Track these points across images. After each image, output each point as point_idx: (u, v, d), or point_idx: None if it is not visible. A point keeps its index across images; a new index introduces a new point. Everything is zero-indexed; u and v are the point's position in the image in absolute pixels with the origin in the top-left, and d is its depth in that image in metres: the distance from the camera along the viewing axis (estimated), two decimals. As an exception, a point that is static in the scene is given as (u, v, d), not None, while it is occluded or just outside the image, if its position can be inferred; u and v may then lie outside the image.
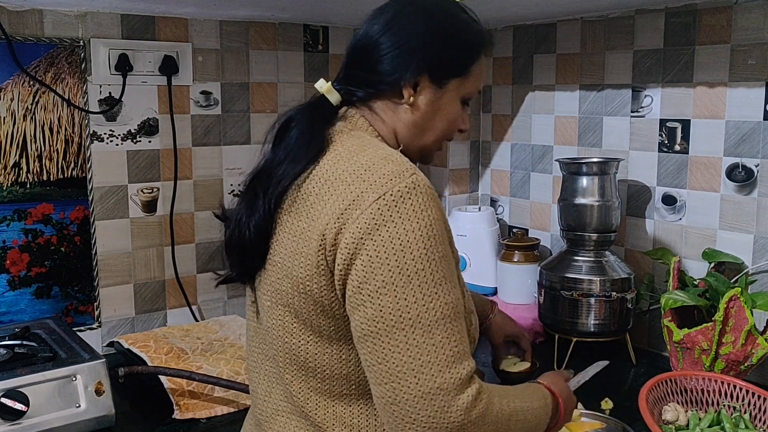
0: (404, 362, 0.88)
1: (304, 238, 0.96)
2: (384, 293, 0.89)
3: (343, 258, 0.92)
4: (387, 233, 0.90)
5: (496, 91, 2.32)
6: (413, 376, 0.88)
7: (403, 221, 0.90)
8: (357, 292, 0.91)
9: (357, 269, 0.91)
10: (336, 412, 1.01)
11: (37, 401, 1.33)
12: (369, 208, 0.91)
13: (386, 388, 0.90)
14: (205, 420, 1.51)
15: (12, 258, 1.75)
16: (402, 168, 0.95)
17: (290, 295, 0.99)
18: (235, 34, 2.01)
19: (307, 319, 0.99)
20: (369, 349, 0.91)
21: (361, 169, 0.96)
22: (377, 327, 0.89)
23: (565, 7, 1.86)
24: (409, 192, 0.92)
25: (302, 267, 0.96)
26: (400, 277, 0.89)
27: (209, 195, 2.02)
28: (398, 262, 0.89)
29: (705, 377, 1.47)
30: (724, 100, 1.72)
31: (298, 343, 1.01)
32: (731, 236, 1.74)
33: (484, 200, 2.41)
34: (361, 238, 0.90)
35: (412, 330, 0.89)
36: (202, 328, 1.87)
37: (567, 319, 1.79)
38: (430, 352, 0.89)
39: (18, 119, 1.72)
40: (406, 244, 0.90)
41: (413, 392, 0.88)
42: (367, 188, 0.93)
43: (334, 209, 0.94)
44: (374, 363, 0.91)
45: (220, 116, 2.02)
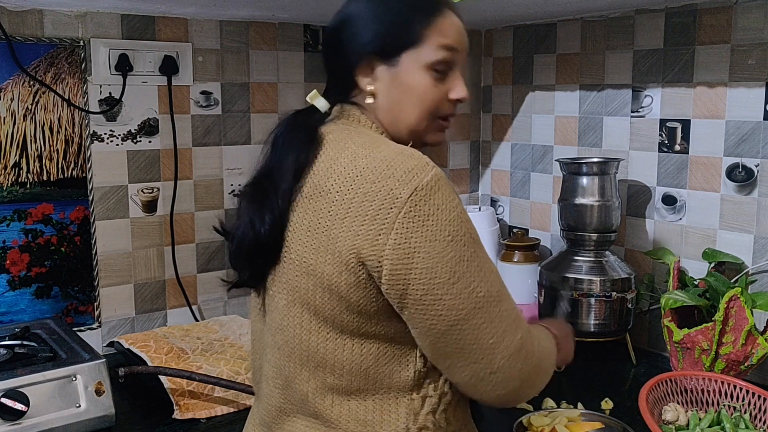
0: (492, 334, 0.96)
1: (330, 237, 0.96)
2: (455, 282, 0.93)
3: (396, 261, 0.92)
4: (433, 227, 0.92)
5: (496, 91, 2.32)
6: (502, 343, 0.96)
7: (441, 212, 0.93)
8: (430, 290, 0.93)
9: (419, 269, 0.92)
10: (350, 408, 1.01)
11: (37, 401, 1.33)
12: (406, 205, 0.92)
13: (482, 365, 0.96)
14: (205, 420, 1.51)
15: (12, 258, 1.75)
16: (423, 161, 0.96)
17: (311, 291, 0.98)
18: (235, 34, 2.01)
19: (329, 315, 0.98)
20: (456, 336, 0.95)
21: (383, 165, 0.95)
22: (460, 314, 0.94)
23: (565, 7, 1.86)
24: (436, 183, 0.94)
25: (327, 264, 0.96)
26: (462, 265, 0.93)
27: (209, 195, 2.02)
28: (455, 252, 0.93)
29: (705, 377, 1.47)
30: (724, 100, 1.72)
31: (316, 340, 1.00)
32: (731, 236, 1.74)
33: (485, 200, 2.41)
34: (411, 237, 0.92)
35: (489, 305, 0.96)
36: (202, 328, 1.87)
37: (567, 319, 1.79)
38: (506, 318, 0.97)
39: (18, 119, 1.73)
40: (453, 233, 0.93)
41: (506, 354, 0.96)
42: (395, 185, 0.93)
43: (364, 210, 0.93)
44: (464, 347, 0.96)
45: (221, 116, 2.02)
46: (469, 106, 2.34)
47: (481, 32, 2.33)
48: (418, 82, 1.03)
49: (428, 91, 1.04)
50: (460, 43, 1.06)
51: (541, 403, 1.56)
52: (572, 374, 1.75)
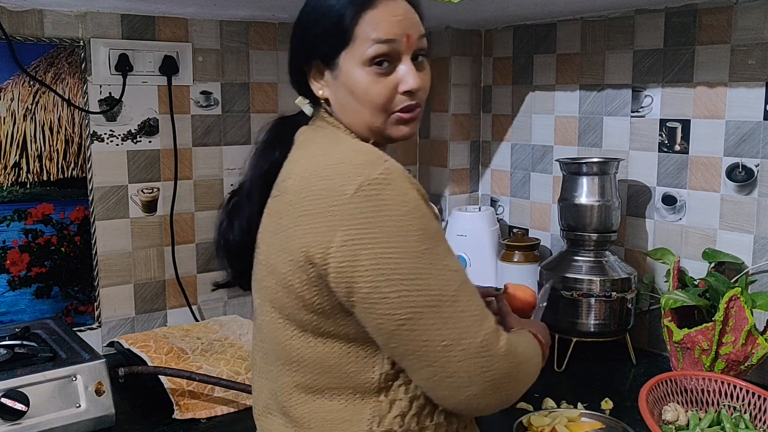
0: (446, 336, 0.91)
1: (287, 236, 0.96)
2: (402, 281, 0.90)
3: (342, 257, 0.91)
4: (380, 223, 0.90)
5: (496, 91, 2.32)
6: (458, 345, 0.91)
7: (389, 207, 0.91)
8: (375, 289, 0.90)
9: (365, 267, 0.90)
10: (316, 407, 1.01)
11: (37, 401, 1.33)
12: (350, 201, 0.91)
13: (436, 367, 0.92)
14: (205, 420, 1.51)
15: (12, 258, 1.75)
16: (373, 156, 0.94)
17: (274, 290, 1.00)
18: (235, 34, 2.01)
19: (292, 314, 0.99)
20: (406, 337, 0.92)
21: (335, 162, 0.95)
22: (407, 315, 0.91)
23: (565, 7, 1.86)
24: (386, 178, 0.92)
25: (284, 263, 0.97)
26: (411, 261, 0.90)
27: (209, 195, 2.02)
28: (404, 248, 0.90)
29: (705, 377, 1.47)
30: (724, 100, 1.72)
31: (283, 338, 1.02)
32: (731, 236, 1.74)
33: (485, 200, 2.41)
34: (357, 236, 0.90)
35: (441, 305, 0.91)
36: (202, 328, 1.87)
37: (567, 319, 1.79)
38: (463, 318, 0.92)
39: (18, 119, 1.73)
40: (402, 229, 0.90)
41: (462, 358, 0.92)
42: (343, 182, 0.92)
43: (314, 208, 0.94)
44: (415, 349, 0.92)
45: (221, 116, 2.02)
46: (469, 106, 2.35)
47: (481, 32, 2.33)
48: (357, 81, 1.00)
49: (370, 88, 1.00)
50: (399, 32, 1.00)
51: (541, 403, 1.56)
52: (572, 374, 1.75)
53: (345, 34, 0.99)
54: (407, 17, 1.01)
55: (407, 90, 1.01)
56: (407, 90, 1.01)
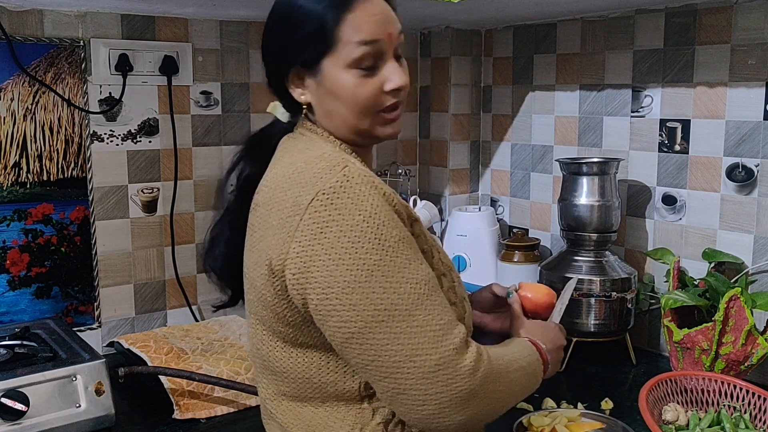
0: (397, 352, 0.88)
1: (258, 249, 0.97)
2: (351, 293, 0.88)
3: (296, 269, 0.90)
4: (332, 234, 0.88)
5: (496, 91, 2.32)
6: (410, 362, 0.88)
7: (343, 217, 0.88)
8: (324, 300, 0.89)
9: (315, 278, 0.89)
10: (301, 414, 1.02)
11: (37, 401, 1.33)
12: (306, 212, 0.90)
13: (388, 382, 0.90)
14: (205, 420, 1.51)
15: (12, 258, 1.75)
16: (332, 164, 0.92)
17: (254, 303, 1.01)
18: (235, 34, 2.01)
19: (271, 326, 1.00)
20: (356, 350, 0.90)
21: (296, 172, 0.94)
22: (357, 327, 0.88)
23: (565, 7, 1.86)
24: (342, 186, 0.90)
25: (258, 277, 0.97)
26: (361, 274, 0.87)
27: (209, 195, 2.02)
28: (353, 260, 0.87)
29: (705, 377, 1.47)
30: (724, 100, 1.72)
31: (266, 349, 1.02)
32: (731, 236, 1.74)
33: (484, 200, 2.41)
34: (309, 245, 0.89)
35: (392, 320, 0.88)
36: (202, 328, 1.87)
37: (567, 319, 1.78)
38: (418, 334, 0.88)
39: (18, 119, 1.72)
40: (354, 239, 0.88)
41: (416, 376, 0.88)
42: (301, 192, 0.91)
43: (276, 219, 0.93)
44: (367, 362, 0.90)
45: (221, 116, 2.02)
46: (469, 106, 2.35)
47: (481, 32, 2.33)
48: (343, 84, 0.98)
49: (357, 91, 0.98)
50: (382, 32, 0.98)
51: (541, 403, 1.56)
52: (572, 374, 1.75)
53: (327, 38, 0.96)
54: (386, 15, 0.99)
55: (394, 88, 0.99)
56: (394, 88, 0.99)
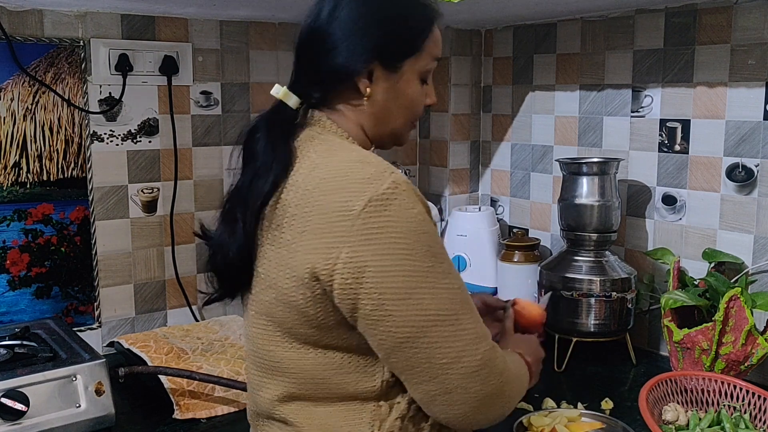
0: (446, 353, 0.92)
1: (290, 251, 0.95)
2: (407, 298, 0.90)
3: (348, 273, 0.90)
4: (386, 240, 0.89)
5: (496, 91, 2.32)
6: (458, 363, 0.93)
7: (396, 223, 0.90)
8: (379, 306, 0.91)
9: (370, 283, 0.90)
10: (314, 413, 1.01)
11: (37, 401, 1.33)
12: (359, 217, 0.90)
13: (435, 384, 0.93)
14: (205, 420, 1.51)
15: (12, 258, 1.75)
16: (380, 169, 0.93)
17: (273, 304, 0.99)
18: (235, 34, 2.01)
19: (290, 328, 0.99)
20: (408, 353, 0.92)
21: (339, 175, 0.94)
22: (411, 331, 0.91)
23: (565, 7, 1.86)
24: (393, 193, 0.91)
25: (286, 279, 0.96)
26: (414, 280, 0.90)
27: (209, 195, 2.02)
28: (407, 266, 0.90)
29: (705, 377, 1.47)
30: (724, 100, 1.72)
31: (279, 351, 1.01)
32: (731, 236, 1.74)
33: (484, 200, 2.41)
34: (362, 252, 0.89)
35: (443, 324, 0.92)
36: (203, 328, 1.87)
37: (567, 319, 1.79)
38: (464, 336, 0.93)
39: (18, 119, 1.73)
40: (407, 245, 0.90)
41: (462, 375, 0.93)
42: (350, 197, 0.91)
43: (319, 224, 0.92)
44: (416, 364, 0.93)
45: (221, 116, 2.02)
46: (469, 106, 2.35)
47: (481, 32, 2.33)
48: (414, 89, 1.06)
49: (418, 99, 1.08)
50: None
51: (541, 403, 1.56)
52: (572, 374, 1.75)
53: (417, 43, 1.04)
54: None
55: (431, 104, 1.12)
56: (431, 104, 1.12)
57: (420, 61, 1.05)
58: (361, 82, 1.02)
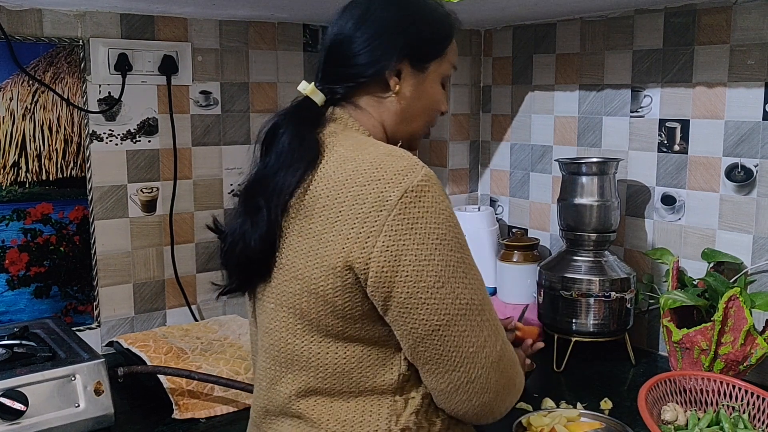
0: (473, 343, 0.96)
1: (321, 241, 0.96)
2: (441, 287, 0.94)
3: (384, 262, 0.93)
4: (422, 230, 0.93)
5: (495, 91, 2.32)
6: (483, 353, 0.97)
7: (430, 215, 0.94)
8: (414, 294, 0.93)
9: (406, 271, 0.93)
10: (332, 409, 1.02)
11: (36, 401, 1.33)
12: (395, 208, 0.92)
13: (460, 373, 0.97)
14: (204, 420, 1.51)
15: (11, 258, 1.75)
16: (412, 162, 0.97)
17: (297, 295, 0.99)
18: (235, 34, 2.01)
19: (314, 319, 0.99)
20: (437, 342, 0.95)
21: (372, 167, 0.96)
22: (443, 320, 0.94)
23: (565, 7, 1.86)
24: (427, 185, 0.95)
25: (315, 268, 0.96)
26: (448, 269, 0.94)
27: (209, 195, 2.02)
28: (442, 256, 0.93)
29: (704, 377, 1.47)
30: (724, 100, 1.72)
31: (301, 344, 1.01)
32: (730, 236, 1.74)
33: (484, 200, 2.41)
34: (399, 240, 0.92)
35: (472, 313, 0.96)
36: (202, 328, 1.87)
37: (566, 319, 1.79)
38: (488, 327, 0.98)
39: (17, 119, 1.72)
40: (441, 236, 0.94)
41: (485, 365, 0.97)
42: (385, 188, 0.93)
43: (353, 214, 0.94)
44: (444, 353, 0.96)
45: (220, 116, 2.02)
46: (468, 106, 2.35)
47: (480, 32, 2.33)
48: (435, 90, 1.12)
49: (439, 100, 1.13)
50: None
51: (540, 403, 1.56)
52: (571, 374, 1.75)
53: (443, 47, 1.11)
54: None
55: (444, 111, 1.17)
56: (444, 111, 1.17)
57: (443, 65, 1.12)
58: (392, 78, 1.07)
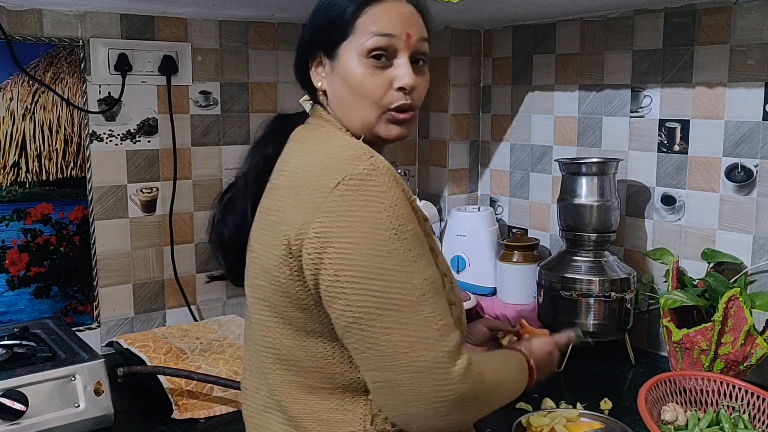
0: (396, 343, 0.89)
1: (274, 230, 0.97)
2: (364, 278, 0.89)
3: (313, 248, 0.92)
4: (354, 218, 0.90)
5: (495, 91, 2.32)
6: (407, 355, 0.89)
7: (367, 203, 0.91)
8: (334, 282, 0.91)
9: (330, 258, 0.90)
10: (309, 405, 1.01)
11: (36, 401, 1.33)
12: (331, 194, 0.91)
13: (382, 372, 0.91)
14: (204, 420, 1.51)
15: (11, 258, 1.75)
16: (360, 152, 0.95)
17: (265, 288, 1.00)
18: (235, 34, 2.01)
19: (282, 311, 0.99)
20: (357, 336, 0.91)
21: (323, 157, 0.97)
22: (362, 312, 0.90)
23: (565, 7, 1.86)
24: (369, 174, 0.92)
25: (272, 259, 0.97)
26: (375, 260, 0.89)
27: (208, 195, 2.02)
28: (370, 246, 0.89)
29: (704, 377, 1.47)
30: (724, 101, 1.72)
31: (275, 337, 1.02)
32: (730, 236, 1.74)
33: (484, 200, 2.41)
34: (329, 226, 0.91)
35: (399, 310, 0.89)
36: (201, 328, 1.87)
37: (566, 319, 1.79)
38: (419, 329, 0.89)
39: (17, 119, 1.72)
40: (374, 226, 0.90)
41: (410, 370, 0.89)
42: (327, 175, 0.93)
43: (299, 200, 0.95)
44: (365, 349, 0.91)
45: (220, 116, 2.02)
46: (468, 106, 2.35)
47: (480, 32, 2.33)
48: (354, 71, 1.01)
49: (366, 80, 1.00)
50: (399, 29, 1.01)
51: (540, 403, 1.56)
52: (571, 374, 1.75)
53: (347, 25, 1.01)
54: (410, 18, 1.03)
55: (401, 86, 1.01)
56: (401, 86, 1.01)
57: (355, 41, 1.00)
58: (313, 76, 1.08)
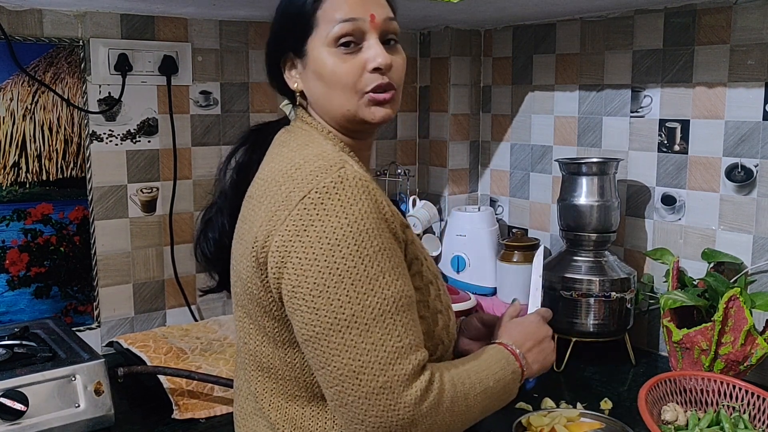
0: (344, 364, 0.87)
1: (246, 240, 0.97)
2: (317, 295, 0.87)
3: (275, 262, 0.91)
4: (314, 233, 0.88)
5: (495, 91, 2.32)
6: (355, 378, 0.86)
7: (329, 218, 0.88)
8: (292, 296, 0.90)
9: (289, 273, 0.89)
10: (289, 413, 1.01)
11: (36, 401, 1.33)
12: (296, 208, 0.90)
13: (333, 391, 0.89)
14: (204, 420, 1.51)
15: (11, 258, 1.75)
16: (329, 163, 0.92)
17: (242, 296, 1.01)
18: (235, 34, 2.01)
19: (257, 320, 0.99)
20: (312, 353, 0.90)
21: (293, 168, 0.94)
22: (315, 330, 0.88)
23: (565, 7, 1.86)
24: (335, 187, 0.89)
25: (245, 268, 0.97)
26: (331, 278, 0.87)
27: (208, 195, 2.01)
28: (327, 262, 0.87)
29: (704, 377, 1.47)
30: (724, 101, 1.72)
31: (254, 345, 1.02)
32: (730, 236, 1.74)
33: (484, 200, 2.41)
34: (290, 240, 0.89)
35: (349, 331, 0.86)
36: (202, 328, 1.87)
37: (566, 319, 1.79)
38: (369, 352, 0.86)
39: (17, 119, 1.72)
40: (334, 242, 0.87)
41: (357, 394, 0.87)
42: (294, 187, 0.92)
43: (266, 212, 0.94)
44: (319, 366, 0.90)
45: (220, 116, 2.02)
46: (468, 106, 2.35)
47: (480, 32, 2.33)
48: (324, 63, 0.99)
49: (337, 68, 0.98)
50: (363, 11, 0.98)
51: (540, 403, 1.56)
52: (571, 374, 1.75)
53: (309, 18, 1.00)
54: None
55: (376, 67, 0.98)
56: (376, 67, 0.98)
57: (321, 33, 0.99)
58: (288, 79, 1.07)
